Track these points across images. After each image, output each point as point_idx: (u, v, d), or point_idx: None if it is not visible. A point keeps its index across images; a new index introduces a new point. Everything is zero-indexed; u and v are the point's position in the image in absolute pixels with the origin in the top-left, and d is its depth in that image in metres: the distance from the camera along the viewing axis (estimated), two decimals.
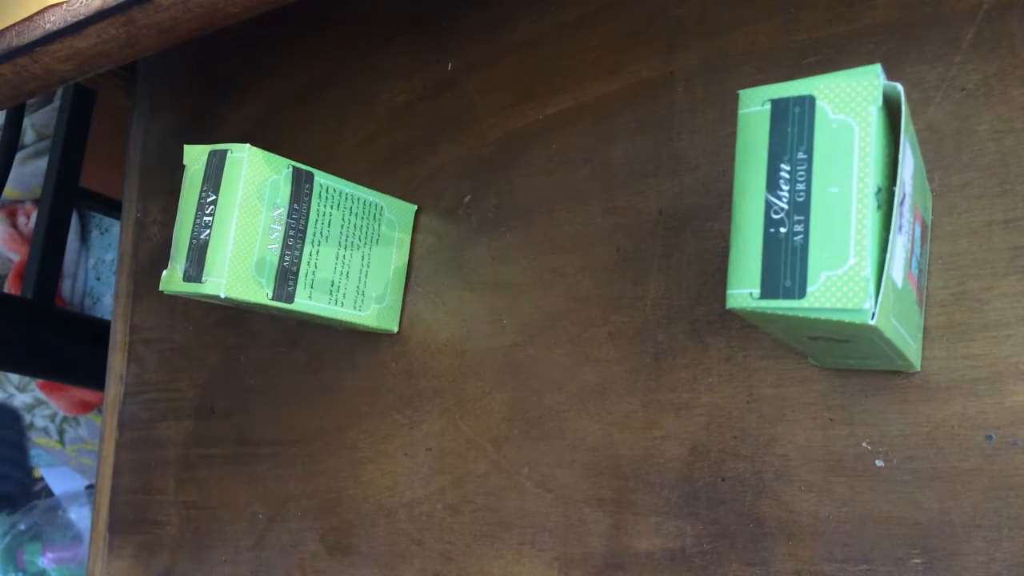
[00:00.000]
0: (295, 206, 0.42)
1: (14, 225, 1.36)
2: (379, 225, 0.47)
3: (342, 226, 0.45)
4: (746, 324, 0.38)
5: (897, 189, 0.25)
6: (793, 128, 0.26)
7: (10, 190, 1.26)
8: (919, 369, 0.34)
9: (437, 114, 0.50)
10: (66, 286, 1.40)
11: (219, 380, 0.58)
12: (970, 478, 0.32)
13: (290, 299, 0.42)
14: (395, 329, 0.49)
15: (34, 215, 1.23)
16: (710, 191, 0.40)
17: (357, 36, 0.55)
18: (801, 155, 0.25)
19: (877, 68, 0.25)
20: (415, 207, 0.49)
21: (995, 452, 0.32)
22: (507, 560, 0.43)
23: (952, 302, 0.34)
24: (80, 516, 1.26)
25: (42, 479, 1.30)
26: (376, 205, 0.47)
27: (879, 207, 0.25)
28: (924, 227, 0.32)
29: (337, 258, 0.44)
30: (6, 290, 1.31)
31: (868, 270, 0.24)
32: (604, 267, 0.42)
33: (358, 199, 0.46)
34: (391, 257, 0.48)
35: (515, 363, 0.44)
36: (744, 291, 0.26)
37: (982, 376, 0.33)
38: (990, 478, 0.32)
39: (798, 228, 0.25)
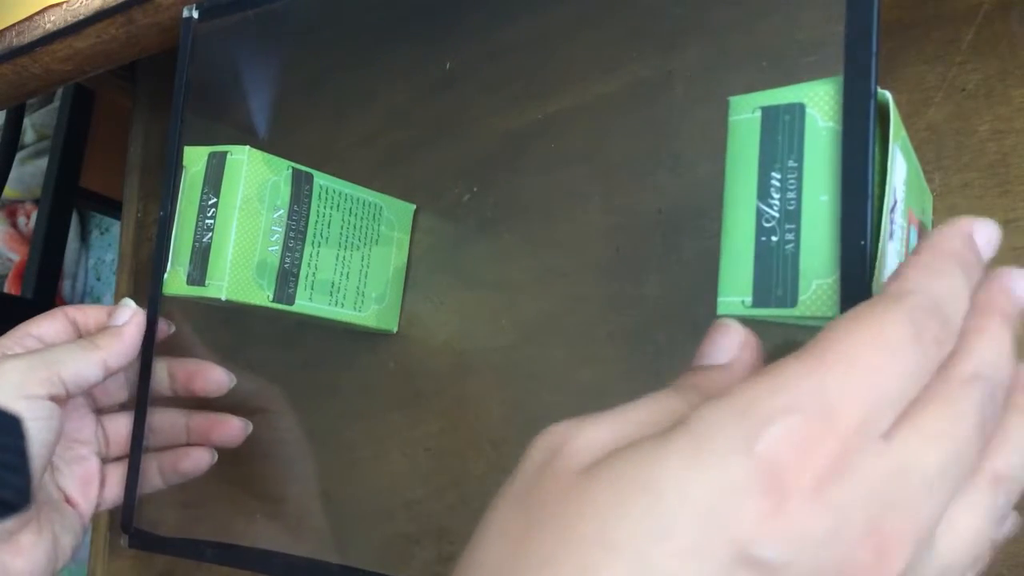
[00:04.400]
0: (295, 207, 0.42)
1: (14, 225, 1.36)
2: (378, 225, 0.47)
3: (342, 227, 0.45)
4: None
5: (887, 197, 0.25)
6: (784, 136, 0.26)
7: (10, 190, 1.26)
8: None
9: (436, 114, 0.50)
10: (66, 286, 1.40)
11: None
12: None
13: (291, 301, 0.42)
14: (394, 329, 0.49)
15: (34, 215, 1.23)
16: (710, 190, 0.40)
17: (356, 35, 0.55)
18: (792, 163, 0.25)
19: None
20: (414, 207, 0.49)
21: None
22: None
23: None
24: None
25: None
26: (375, 205, 0.47)
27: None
28: (921, 229, 0.32)
29: (337, 259, 0.44)
30: (6, 290, 1.31)
31: None
32: (603, 267, 0.42)
33: (357, 199, 0.46)
34: (390, 257, 0.48)
35: (514, 363, 0.44)
36: (736, 299, 0.26)
37: None
38: None
39: (789, 236, 0.25)
